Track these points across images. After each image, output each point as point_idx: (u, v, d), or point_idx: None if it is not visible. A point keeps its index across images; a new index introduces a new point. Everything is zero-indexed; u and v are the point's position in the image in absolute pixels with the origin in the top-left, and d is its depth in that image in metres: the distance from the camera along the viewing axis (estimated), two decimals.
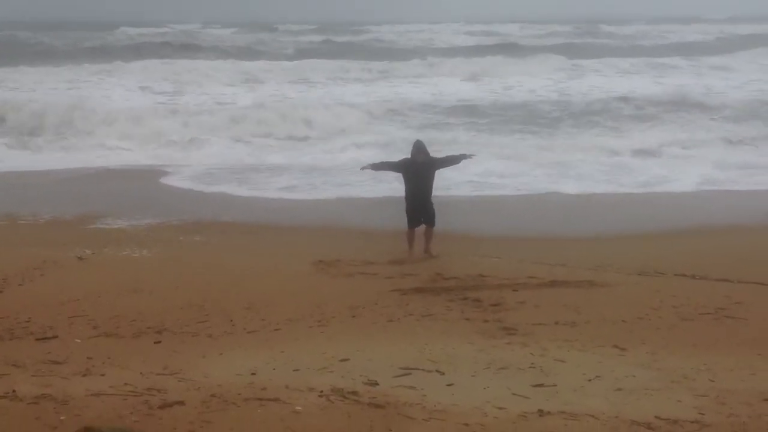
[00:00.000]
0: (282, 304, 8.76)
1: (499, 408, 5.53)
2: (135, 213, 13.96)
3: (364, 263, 10.63)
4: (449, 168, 12.00)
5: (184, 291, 9.25)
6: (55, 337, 7.57)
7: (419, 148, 11.50)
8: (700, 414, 5.47)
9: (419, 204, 11.40)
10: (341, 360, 6.67)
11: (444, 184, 12.73)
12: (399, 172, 11.68)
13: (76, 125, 23.55)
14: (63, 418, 5.04)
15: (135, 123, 23.64)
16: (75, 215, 13.88)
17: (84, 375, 6.27)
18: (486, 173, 16.91)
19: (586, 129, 23.38)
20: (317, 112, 24.76)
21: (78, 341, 7.48)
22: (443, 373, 6.34)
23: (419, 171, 11.40)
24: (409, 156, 11.54)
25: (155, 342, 7.49)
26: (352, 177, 16.57)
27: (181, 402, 5.43)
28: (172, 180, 17.39)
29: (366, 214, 14.13)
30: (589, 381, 6.17)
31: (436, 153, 12.01)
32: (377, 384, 6.02)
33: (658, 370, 6.45)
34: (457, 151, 12.72)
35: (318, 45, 56.67)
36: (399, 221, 12.08)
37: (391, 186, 16.00)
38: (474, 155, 12.17)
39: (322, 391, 5.76)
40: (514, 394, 5.85)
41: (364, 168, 12.06)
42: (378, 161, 12.56)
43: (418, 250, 11.28)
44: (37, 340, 7.51)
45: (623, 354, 6.90)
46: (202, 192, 16.23)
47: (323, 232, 12.88)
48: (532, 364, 6.58)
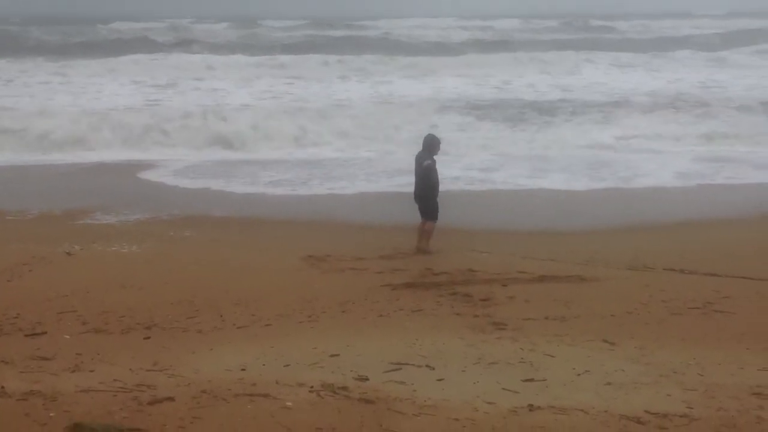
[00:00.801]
0: (272, 299, 8.75)
1: (489, 403, 5.54)
2: (124, 208, 13.90)
3: (354, 258, 10.62)
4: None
5: (173, 286, 9.23)
6: (44, 333, 7.53)
7: (425, 143, 11.51)
8: (688, 408, 5.50)
9: (417, 198, 11.47)
10: (331, 355, 6.66)
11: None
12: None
13: (64, 121, 23.43)
14: (52, 414, 5.02)
15: (127, 117, 23.54)
16: (64, 210, 13.81)
17: (73, 371, 6.24)
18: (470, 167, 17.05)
19: (575, 124, 23.33)
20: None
21: (67, 337, 7.45)
22: (433, 368, 6.34)
23: (420, 167, 11.46)
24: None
25: (145, 338, 7.47)
26: (341, 171, 16.60)
27: (171, 398, 5.42)
28: (161, 175, 17.32)
29: (356, 209, 14.12)
30: (579, 375, 6.19)
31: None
32: (367, 379, 6.02)
33: (647, 364, 6.47)
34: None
35: (334, 40, 56.04)
36: (390, 216, 12.14)
37: (389, 182, 16.06)
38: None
39: (312, 387, 5.76)
40: (504, 388, 5.86)
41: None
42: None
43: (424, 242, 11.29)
44: (26, 336, 7.47)
45: (613, 348, 6.93)
46: (191, 187, 16.19)
47: (313, 227, 12.87)
48: (521, 358, 6.60)
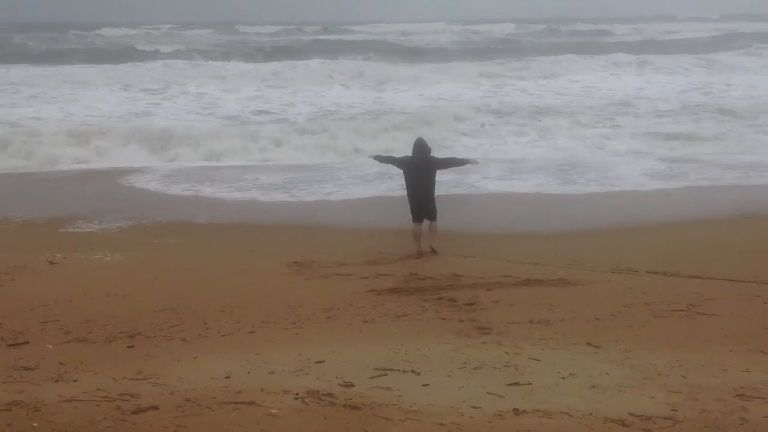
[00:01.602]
0: (256, 306, 8.72)
1: (475, 407, 5.55)
2: (107, 216, 13.83)
3: (338, 264, 10.61)
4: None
5: (157, 294, 9.17)
6: (27, 343, 7.47)
7: (420, 146, 11.61)
8: (672, 410, 5.53)
9: (418, 202, 11.55)
10: (317, 362, 6.65)
11: None
12: (401, 168, 11.86)
13: (48, 128, 23.35)
14: (35, 424, 4.98)
15: (115, 123, 23.54)
16: (46, 218, 13.73)
17: (56, 381, 6.20)
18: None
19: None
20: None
21: (50, 347, 7.39)
22: (419, 374, 6.34)
23: (418, 170, 11.55)
24: (411, 154, 11.70)
25: (128, 347, 7.42)
26: (326, 176, 16.61)
27: (155, 407, 5.39)
28: (145, 181, 17.26)
29: (340, 214, 14.11)
30: (564, 379, 6.21)
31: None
32: (353, 385, 6.01)
33: (631, 367, 6.50)
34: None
35: (342, 45, 55.93)
36: (374, 221, 12.13)
37: (374, 187, 16.07)
38: (478, 162, 12.57)
39: (297, 394, 5.75)
40: (489, 393, 5.87)
41: (371, 156, 12.63)
42: (385, 154, 12.86)
43: (424, 244, 11.38)
44: (8, 345, 7.40)
45: (597, 351, 6.96)
46: (175, 194, 16.13)
47: (298, 233, 12.85)
48: (506, 363, 6.61)
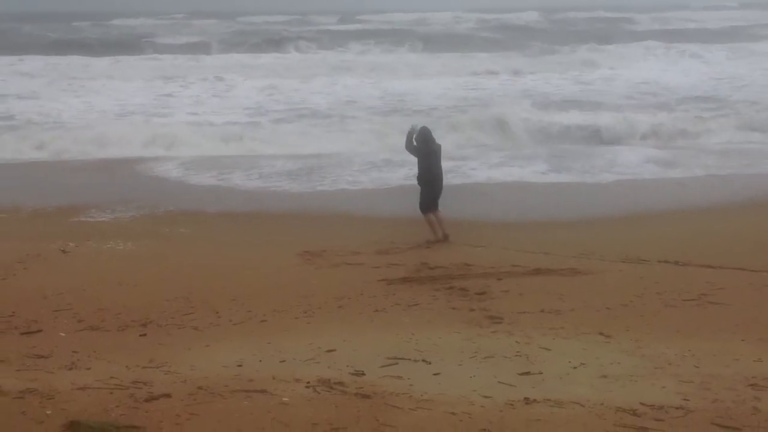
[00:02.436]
0: (268, 295, 8.75)
1: (486, 396, 5.55)
2: (119, 205, 13.88)
3: (350, 253, 10.62)
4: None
5: (169, 283, 9.22)
6: (40, 331, 7.52)
7: (428, 134, 11.81)
8: (684, 400, 5.51)
9: (441, 188, 11.77)
10: (328, 350, 6.67)
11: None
12: (418, 157, 11.89)
13: (61, 117, 23.52)
14: (49, 412, 5.01)
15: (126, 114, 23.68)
16: (58, 207, 13.78)
17: (69, 369, 6.24)
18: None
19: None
20: None
21: (63, 335, 7.44)
22: (430, 363, 6.35)
23: (437, 156, 11.78)
24: (418, 143, 11.82)
25: (141, 335, 7.46)
26: (338, 165, 16.63)
27: (168, 395, 5.41)
28: (157, 171, 17.28)
29: (352, 204, 14.11)
30: (575, 368, 6.20)
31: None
32: (364, 374, 6.03)
33: (642, 356, 6.49)
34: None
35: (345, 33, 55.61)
36: (386, 211, 12.12)
37: (387, 176, 16.07)
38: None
39: (308, 382, 5.76)
40: (500, 382, 5.87)
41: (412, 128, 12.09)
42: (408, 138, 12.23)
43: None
44: (22, 334, 7.46)
45: (608, 341, 6.94)
46: (188, 183, 16.17)
47: (309, 222, 12.87)
48: (517, 352, 6.61)
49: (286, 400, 5.39)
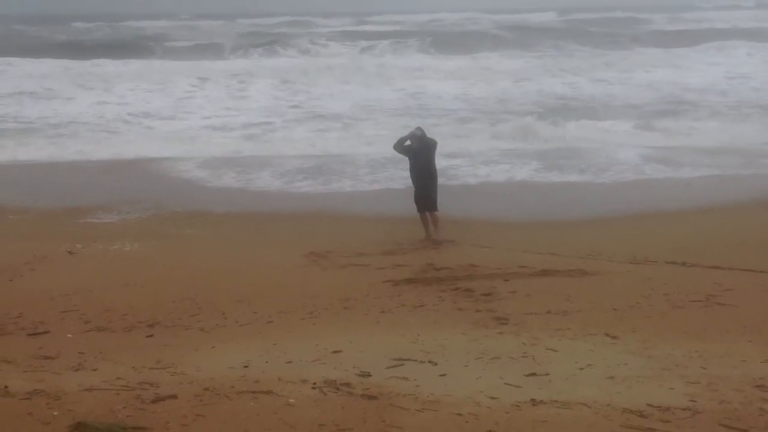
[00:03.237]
0: (274, 296, 8.76)
1: (492, 398, 5.54)
2: (125, 206, 13.91)
3: (355, 254, 10.62)
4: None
5: (175, 284, 9.23)
6: (47, 332, 7.55)
7: (419, 135, 11.85)
8: (691, 401, 5.50)
9: (427, 185, 11.81)
10: (334, 351, 6.66)
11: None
12: (406, 156, 12.05)
13: (73, 119, 23.67)
14: (56, 413, 5.02)
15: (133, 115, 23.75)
16: (66, 208, 13.82)
17: (76, 370, 6.25)
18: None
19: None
20: None
21: (70, 336, 7.46)
22: (436, 364, 6.34)
23: (420, 158, 11.81)
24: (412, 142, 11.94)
25: (147, 336, 7.48)
26: (343, 166, 16.62)
27: (174, 396, 5.43)
28: (165, 172, 17.32)
29: (357, 204, 14.12)
30: (581, 370, 6.18)
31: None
32: (370, 375, 6.02)
33: (649, 357, 6.47)
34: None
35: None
36: (391, 212, 12.11)
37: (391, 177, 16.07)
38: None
39: (315, 383, 5.77)
40: (506, 383, 5.86)
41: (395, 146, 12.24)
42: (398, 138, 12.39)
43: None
44: (29, 335, 7.48)
45: (615, 342, 6.92)
46: (195, 184, 16.19)
47: (314, 223, 12.87)
48: (524, 353, 6.59)
49: (292, 401, 5.40)
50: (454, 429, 5.00)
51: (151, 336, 7.47)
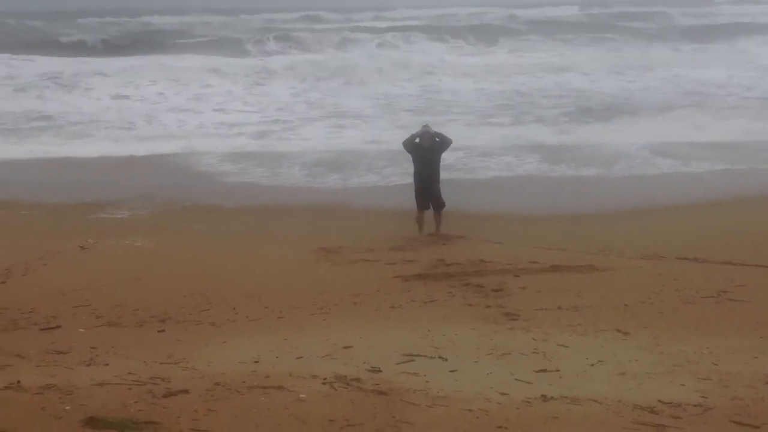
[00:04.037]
0: (284, 291, 8.77)
1: (503, 394, 5.54)
2: (138, 201, 13.97)
3: (365, 250, 10.63)
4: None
5: (186, 280, 9.27)
6: (59, 327, 7.59)
7: (425, 132, 11.78)
8: (702, 397, 5.48)
9: (425, 188, 11.68)
10: (344, 347, 6.68)
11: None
12: (409, 153, 11.96)
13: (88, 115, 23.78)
14: (68, 407, 5.05)
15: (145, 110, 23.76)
16: (78, 204, 13.89)
17: (88, 365, 6.29)
18: None
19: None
20: None
21: (82, 331, 7.50)
22: (446, 360, 6.34)
23: (424, 156, 11.72)
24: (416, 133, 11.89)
25: (159, 331, 7.51)
26: (356, 162, 16.64)
27: (185, 390, 5.45)
28: (178, 167, 17.36)
29: (368, 200, 14.13)
30: (592, 366, 6.18)
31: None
32: (380, 371, 6.03)
33: (660, 353, 6.45)
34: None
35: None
36: (402, 206, 12.09)
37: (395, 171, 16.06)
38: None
39: (325, 379, 5.78)
40: (517, 379, 5.86)
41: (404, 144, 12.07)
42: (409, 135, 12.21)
43: (427, 231, 11.59)
44: (41, 330, 7.53)
45: (626, 338, 6.91)
46: (207, 179, 16.23)
47: (325, 218, 12.89)
48: (534, 349, 6.59)
49: (303, 396, 5.42)
50: (464, 425, 5.00)
51: (163, 331, 7.50)
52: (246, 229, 12.22)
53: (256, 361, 6.32)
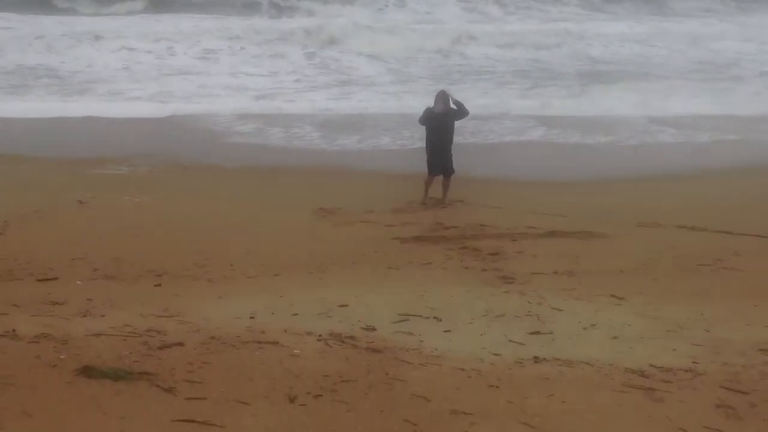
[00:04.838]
0: (282, 250, 8.80)
1: (495, 354, 5.58)
2: (138, 159, 13.92)
3: (364, 212, 10.64)
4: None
5: (184, 236, 9.28)
6: (56, 279, 7.61)
7: (441, 97, 11.59)
8: (694, 362, 5.51)
9: (438, 154, 11.54)
10: (340, 306, 6.69)
11: None
12: (422, 124, 11.76)
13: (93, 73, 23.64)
14: (63, 357, 5.08)
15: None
16: (79, 159, 13.83)
17: (84, 316, 6.30)
18: None
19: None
20: None
21: (78, 283, 7.52)
22: (440, 320, 6.38)
23: (438, 122, 11.51)
24: (432, 105, 11.65)
25: (155, 285, 7.53)
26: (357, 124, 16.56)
27: (181, 343, 5.47)
28: (179, 127, 17.27)
29: (368, 162, 14.09)
30: (585, 329, 6.21)
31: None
32: (375, 329, 6.06)
33: (654, 319, 6.48)
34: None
35: None
36: (401, 170, 12.07)
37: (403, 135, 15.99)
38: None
39: (320, 336, 5.81)
40: (510, 341, 5.89)
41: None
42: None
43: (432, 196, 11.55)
44: (38, 281, 7.54)
45: (620, 303, 6.94)
46: (208, 139, 16.16)
47: (325, 179, 12.87)
48: (529, 312, 6.62)
49: (297, 352, 5.44)
50: (456, 383, 5.04)
51: (159, 285, 7.52)
52: (246, 188, 12.21)
53: (251, 317, 6.34)
